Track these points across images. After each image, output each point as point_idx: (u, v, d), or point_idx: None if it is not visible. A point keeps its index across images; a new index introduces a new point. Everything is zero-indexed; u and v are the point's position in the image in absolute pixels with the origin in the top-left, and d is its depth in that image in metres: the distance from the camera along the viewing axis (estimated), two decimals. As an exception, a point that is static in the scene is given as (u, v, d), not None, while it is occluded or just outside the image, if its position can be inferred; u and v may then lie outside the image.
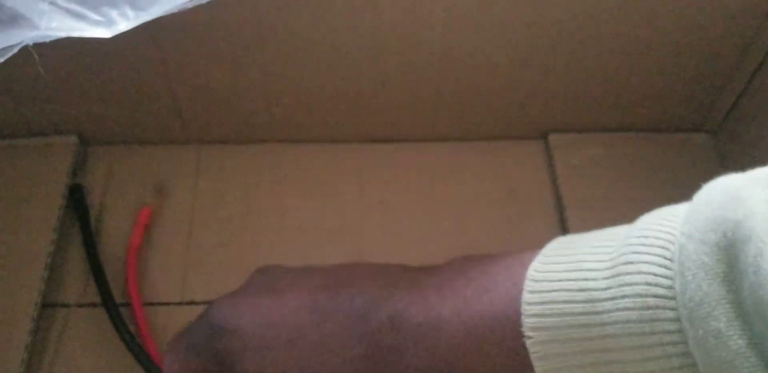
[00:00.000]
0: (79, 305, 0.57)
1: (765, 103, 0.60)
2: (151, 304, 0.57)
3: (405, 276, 0.43)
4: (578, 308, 0.32)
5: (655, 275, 0.30)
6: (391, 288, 0.41)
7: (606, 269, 0.33)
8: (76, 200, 0.62)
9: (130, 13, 0.28)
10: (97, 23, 0.28)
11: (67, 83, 0.60)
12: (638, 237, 0.33)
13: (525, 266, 0.36)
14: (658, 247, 0.31)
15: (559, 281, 0.34)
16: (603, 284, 0.32)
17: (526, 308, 0.34)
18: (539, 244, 0.60)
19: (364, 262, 0.49)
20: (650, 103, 0.65)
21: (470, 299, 0.38)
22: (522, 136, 0.67)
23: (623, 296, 0.31)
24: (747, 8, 0.56)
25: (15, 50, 0.30)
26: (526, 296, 0.34)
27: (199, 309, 0.57)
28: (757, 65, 0.60)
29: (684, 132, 0.67)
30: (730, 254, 0.28)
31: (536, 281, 0.35)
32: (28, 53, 0.54)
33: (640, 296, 0.30)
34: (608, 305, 0.31)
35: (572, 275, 0.34)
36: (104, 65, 0.59)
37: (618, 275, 0.32)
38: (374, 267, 0.45)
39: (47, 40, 0.30)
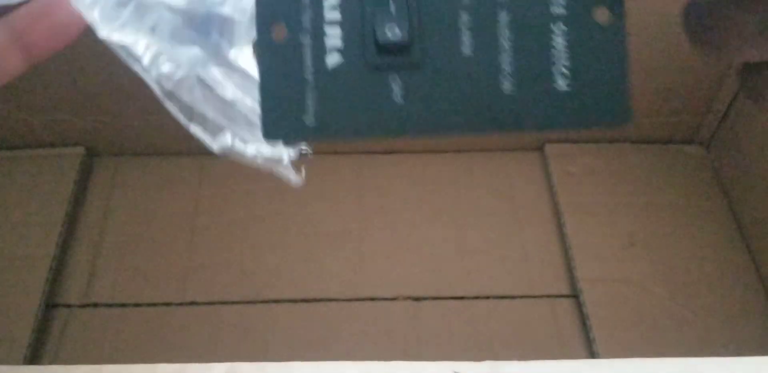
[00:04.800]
0: (81, 306, 0.58)
1: (754, 114, 0.62)
2: (152, 304, 0.58)
3: None
4: None
5: None
6: None
7: None
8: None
9: None
10: None
11: (74, 93, 0.62)
12: None
13: None
14: None
15: None
16: None
17: None
18: (538, 247, 0.61)
19: None
20: (643, 115, 0.66)
21: None
22: (519, 147, 0.69)
23: None
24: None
25: None
26: None
27: (199, 310, 0.58)
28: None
29: (676, 144, 0.69)
30: None
31: None
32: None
33: None
34: None
35: None
36: (110, 75, 0.60)
37: None
38: None
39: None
